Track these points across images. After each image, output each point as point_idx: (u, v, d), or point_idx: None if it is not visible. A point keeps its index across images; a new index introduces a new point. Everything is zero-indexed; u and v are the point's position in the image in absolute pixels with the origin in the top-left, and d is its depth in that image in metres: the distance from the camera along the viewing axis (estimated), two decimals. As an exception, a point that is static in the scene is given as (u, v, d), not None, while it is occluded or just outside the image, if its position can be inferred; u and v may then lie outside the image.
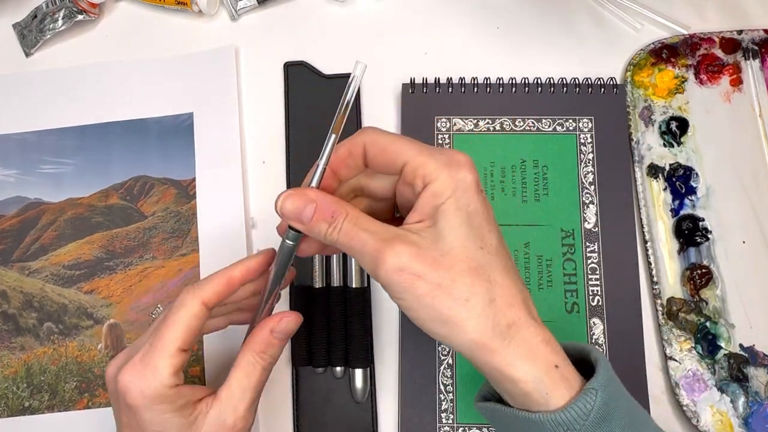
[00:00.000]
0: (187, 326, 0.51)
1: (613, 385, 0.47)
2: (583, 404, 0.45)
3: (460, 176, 0.48)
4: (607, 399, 0.45)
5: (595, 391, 0.45)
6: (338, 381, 0.68)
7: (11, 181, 0.75)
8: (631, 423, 0.46)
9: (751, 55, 0.75)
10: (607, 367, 0.47)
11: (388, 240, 0.47)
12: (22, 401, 0.69)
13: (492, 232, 0.48)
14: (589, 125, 0.73)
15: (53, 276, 0.72)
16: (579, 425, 0.45)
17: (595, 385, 0.46)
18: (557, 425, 0.45)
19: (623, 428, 0.46)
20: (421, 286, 0.46)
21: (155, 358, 0.50)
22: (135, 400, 0.50)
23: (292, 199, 0.50)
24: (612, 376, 0.47)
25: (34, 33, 0.78)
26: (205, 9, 0.77)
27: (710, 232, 0.71)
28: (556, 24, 0.79)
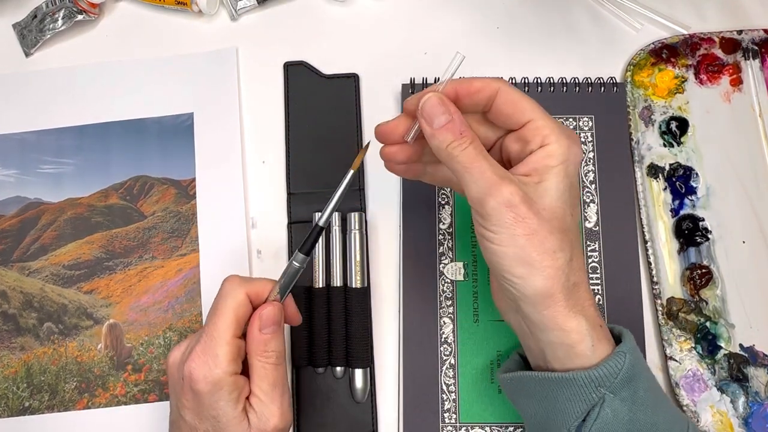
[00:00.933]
0: (236, 314, 0.55)
1: (637, 352, 0.52)
2: (615, 363, 0.50)
3: (575, 149, 0.52)
4: (634, 362, 0.50)
5: (624, 354, 0.50)
6: (338, 381, 0.68)
7: (11, 181, 0.75)
8: (652, 388, 0.52)
9: (751, 55, 0.75)
10: (631, 337, 0.53)
11: (504, 177, 0.50)
12: (22, 401, 0.69)
13: (576, 206, 0.53)
14: (590, 124, 0.73)
15: (53, 276, 0.72)
16: (609, 382, 0.50)
17: (624, 348, 0.51)
18: (589, 382, 0.50)
19: (646, 390, 0.51)
20: (521, 226, 0.49)
21: (214, 346, 0.54)
22: (199, 385, 0.53)
23: (435, 102, 0.52)
24: (636, 345, 0.52)
25: (34, 33, 0.78)
26: (205, 9, 0.77)
27: (710, 232, 0.71)
28: (556, 24, 0.79)
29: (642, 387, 0.51)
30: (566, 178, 0.52)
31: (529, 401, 0.54)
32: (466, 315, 0.69)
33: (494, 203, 0.49)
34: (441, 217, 0.71)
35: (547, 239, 0.50)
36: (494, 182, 0.50)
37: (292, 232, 0.72)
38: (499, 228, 0.50)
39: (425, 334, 0.69)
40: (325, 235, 0.70)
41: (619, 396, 0.50)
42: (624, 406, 0.50)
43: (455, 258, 0.70)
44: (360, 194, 0.73)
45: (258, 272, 0.72)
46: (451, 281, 0.70)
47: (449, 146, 0.51)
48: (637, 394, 0.50)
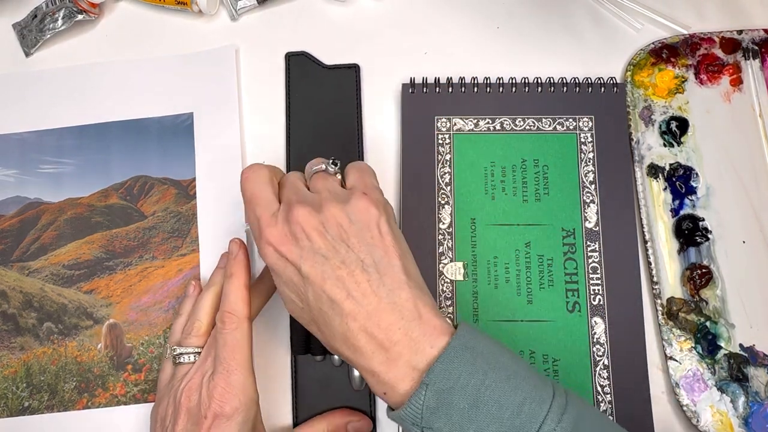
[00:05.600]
0: (249, 345, 0.59)
1: (453, 368, 0.50)
2: (416, 401, 0.49)
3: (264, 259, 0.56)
4: (439, 388, 0.49)
5: (425, 385, 0.49)
6: (337, 369, 0.68)
7: (11, 181, 0.75)
8: (477, 404, 0.49)
9: (751, 55, 0.75)
10: (454, 348, 0.50)
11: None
12: (22, 401, 0.69)
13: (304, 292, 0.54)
14: (590, 124, 0.73)
15: (53, 276, 0.72)
16: (419, 419, 0.49)
17: (427, 379, 0.49)
18: (404, 421, 0.50)
19: (462, 412, 0.49)
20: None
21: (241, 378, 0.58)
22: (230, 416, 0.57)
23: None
24: (456, 356, 0.50)
25: (34, 33, 0.78)
26: (205, 9, 0.77)
27: (710, 232, 0.71)
28: (556, 24, 0.79)
29: (457, 410, 0.49)
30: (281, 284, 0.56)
31: None
32: (466, 315, 0.69)
33: None
34: (441, 217, 0.71)
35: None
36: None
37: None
38: None
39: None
40: None
41: (434, 428, 0.49)
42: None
43: (455, 258, 0.70)
44: None
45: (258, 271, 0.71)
46: (450, 281, 0.70)
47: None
48: (452, 419, 0.49)
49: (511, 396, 0.49)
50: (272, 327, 0.70)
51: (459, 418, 0.49)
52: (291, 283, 0.54)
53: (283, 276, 0.54)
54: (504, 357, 0.52)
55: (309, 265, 0.53)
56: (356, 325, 0.52)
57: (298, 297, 0.54)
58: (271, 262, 0.55)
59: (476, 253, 0.70)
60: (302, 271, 0.53)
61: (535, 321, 0.68)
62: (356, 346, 0.52)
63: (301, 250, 0.54)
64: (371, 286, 0.52)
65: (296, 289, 0.54)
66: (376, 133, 0.75)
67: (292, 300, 0.55)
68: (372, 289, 0.52)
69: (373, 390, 0.53)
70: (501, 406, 0.49)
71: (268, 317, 0.70)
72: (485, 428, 0.49)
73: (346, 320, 0.52)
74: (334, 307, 0.52)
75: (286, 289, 0.55)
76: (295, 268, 0.54)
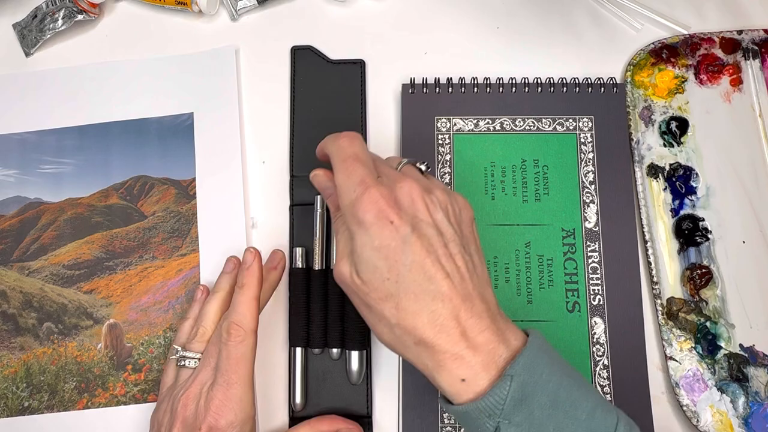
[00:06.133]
0: (253, 359, 0.60)
1: (536, 366, 0.50)
2: (500, 391, 0.49)
3: (360, 217, 0.53)
4: (524, 381, 0.49)
5: (510, 377, 0.49)
6: (335, 363, 0.69)
7: (11, 180, 0.75)
8: (556, 403, 0.50)
9: (751, 55, 0.76)
10: (533, 348, 0.51)
11: (343, 255, 0.56)
12: (22, 401, 0.69)
13: (399, 262, 0.52)
14: (589, 125, 0.73)
15: (53, 276, 0.72)
16: (499, 411, 0.49)
17: (512, 371, 0.49)
18: (479, 413, 0.50)
19: (543, 408, 0.49)
20: (353, 298, 0.56)
21: (239, 392, 0.58)
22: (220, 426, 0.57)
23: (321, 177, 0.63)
24: (537, 357, 0.51)
25: (34, 33, 0.78)
26: (205, 9, 0.77)
27: (710, 232, 0.71)
28: (556, 24, 0.79)
29: (538, 406, 0.49)
30: (370, 248, 0.53)
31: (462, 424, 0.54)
32: (466, 315, 0.69)
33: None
34: (441, 217, 0.71)
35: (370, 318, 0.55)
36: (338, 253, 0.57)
37: (294, 214, 0.72)
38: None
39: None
40: (326, 218, 0.70)
41: (513, 422, 0.49)
42: (518, 429, 0.49)
43: (455, 258, 0.70)
44: None
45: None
46: (451, 281, 0.70)
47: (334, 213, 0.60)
48: (533, 414, 0.49)
49: (584, 401, 0.50)
50: (271, 319, 0.70)
51: (540, 414, 0.49)
52: (385, 248, 0.52)
53: (377, 239, 0.52)
54: (570, 367, 0.53)
55: (417, 234, 0.52)
56: (449, 306, 0.51)
57: (387, 265, 0.52)
58: (370, 221, 0.52)
59: (476, 253, 0.70)
60: (408, 238, 0.51)
61: (535, 321, 0.68)
62: (443, 327, 0.51)
63: (411, 218, 0.52)
64: (468, 273, 0.53)
65: (390, 256, 0.52)
66: (376, 133, 0.75)
67: (376, 267, 0.52)
68: (469, 276, 0.53)
69: (442, 379, 0.51)
70: (576, 408, 0.50)
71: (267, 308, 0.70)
72: (564, 427, 0.49)
73: (439, 300, 0.51)
74: (431, 285, 0.51)
75: (374, 254, 0.52)
76: (397, 234, 0.52)
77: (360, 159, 0.55)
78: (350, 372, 0.67)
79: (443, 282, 0.51)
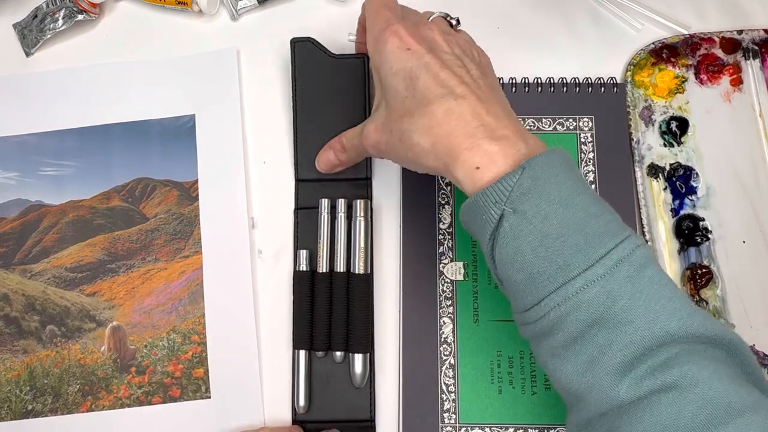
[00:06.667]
0: None
1: (553, 167, 0.50)
2: (509, 178, 0.49)
3: (380, 49, 0.57)
4: (536, 174, 0.49)
5: (522, 168, 0.49)
6: (338, 366, 0.69)
7: (12, 183, 0.75)
8: (567, 204, 0.49)
9: (752, 55, 0.76)
10: (554, 155, 0.51)
11: (362, 127, 0.62)
12: (25, 404, 0.69)
13: (416, 78, 0.55)
14: (590, 124, 0.73)
15: (55, 278, 0.72)
16: (504, 197, 0.49)
17: (526, 163, 0.50)
18: (486, 200, 0.50)
19: (551, 203, 0.49)
20: (384, 149, 0.60)
21: None
22: None
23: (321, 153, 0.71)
24: (556, 162, 0.51)
25: (35, 33, 0.78)
26: (206, 9, 0.77)
27: (710, 232, 0.71)
28: (556, 24, 0.79)
29: (546, 199, 0.49)
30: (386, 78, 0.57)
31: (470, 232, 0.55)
32: (466, 315, 0.69)
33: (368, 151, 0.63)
34: (441, 217, 0.71)
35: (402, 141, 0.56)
36: (358, 143, 0.64)
37: (299, 217, 0.72)
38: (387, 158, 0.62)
39: (425, 334, 0.69)
40: (331, 220, 0.70)
41: (518, 210, 0.49)
42: (522, 219, 0.49)
43: (455, 258, 0.70)
44: (367, 183, 0.73)
45: (259, 272, 0.72)
46: (450, 281, 0.70)
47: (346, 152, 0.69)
48: (539, 206, 0.49)
49: (601, 215, 0.50)
50: (275, 321, 0.71)
51: (546, 207, 0.49)
52: (402, 70, 0.55)
53: (396, 64, 0.56)
54: (593, 192, 0.52)
55: (433, 55, 0.55)
56: (465, 103, 0.53)
57: (405, 84, 0.55)
58: (390, 50, 0.56)
59: (476, 253, 0.70)
60: (424, 58, 0.55)
61: (536, 321, 0.68)
62: (460, 119, 0.52)
63: (429, 46, 0.56)
64: (488, 87, 0.55)
65: (407, 76, 0.55)
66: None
67: (396, 90, 0.56)
68: (484, 82, 0.56)
69: (458, 169, 0.52)
70: (587, 215, 0.49)
71: (271, 312, 0.71)
72: (569, 225, 0.49)
73: (453, 98, 0.53)
74: (445, 89, 0.54)
75: (393, 79, 0.56)
76: (413, 56, 0.55)
77: (388, 5, 0.60)
78: (354, 375, 0.68)
79: (458, 86, 0.54)
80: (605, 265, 0.48)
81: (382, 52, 0.57)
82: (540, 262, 0.49)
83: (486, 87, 0.55)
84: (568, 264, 0.48)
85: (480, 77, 0.56)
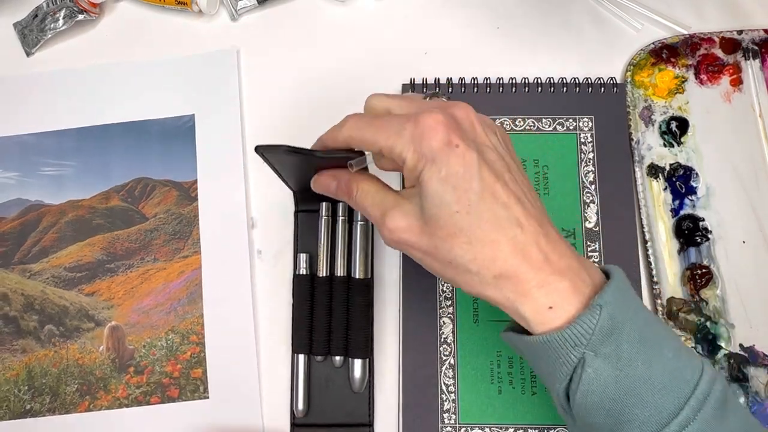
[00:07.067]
0: None
1: (622, 299, 0.48)
2: (589, 320, 0.46)
3: (425, 149, 0.49)
4: (614, 313, 0.47)
5: (599, 307, 0.47)
6: (337, 370, 0.68)
7: (12, 183, 0.75)
8: (642, 338, 0.48)
9: (751, 55, 0.76)
10: (619, 281, 0.49)
11: (386, 211, 0.52)
12: (24, 404, 0.69)
13: (469, 190, 0.48)
14: (590, 125, 0.73)
15: (54, 278, 0.72)
16: (585, 341, 0.47)
17: (601, 300, 0.47)
18: (563, 343, 0.47)
19: (632, 343, 0.47)
20: (414, 253, 0.52)
21: None
22: None
23: (324, 177, 0.59)
24: (623, 290, 0.49)
25: (35, 32, 0.78)
26: (205, 9, 0.77)
27: (710, 232, 0.71)
28: (556, 24, 0.79)
29: (627, 339, 0.47)
30: (431, 180, 0.49)
31: (528, 356, 0.52)
32: (466, 315, 0.69)
33: (386, 240, 0.53)
34: (441, 218, 0.71)
35: (437, 254, 0.50)
36: (379, 220, 0.53)
37: (299, 220, 0.72)
38: (406, 254, 0.54)
39: (425, 334, 0.69)
40: (331, 225, 0.70)
41: (600, 354, 0.47)
42: (607, 363, 0.47)
43: (456, 258, 0.70)
44: None
45: (259, 272, 0.72)
46: (451, 281, 0.70)
47: (348, 202, 0.57)
48: (621, 347, 0.47)
49: (669, 341, 0.49)
50: (274, 325, 0.71)
51: (628, 348, 0.47)
52: (454, 177, 0.48)
53: (443, 168, 0.48)
54: (648, 309, 0.51)
55: (483, 159, 0.49)
56: (528, 231, 0.48)
57: (456, 196, 0.48)
58: (436, 149, 0.48)
59: (477, 253, 0.70)
60: (476, 163, 0.48)
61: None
62: (526, 254, 0.48)
63: (474, 141, 0.50)
64: (534, 198, 0.51)
65: (459, 185, 0.48)
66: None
67: (446, 203, 0.48)
68: (536, 202, 0.51)
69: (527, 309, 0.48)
70: (662, 347, 0.48)
71: (270, 311, 0.70)
72: (652, 364, 0.47)
73: (517, 225, 0.48)
74: (506, 211, 0.48)
75: (440, 186, 0.48)
76: (464, 159, 0.48)
77: (383, 110, 0.54)
78: (353, 380, 0.68)
79: (516, 207, 0.49)
80: (693, 406, 0.47)
81: (424, 155, 0.49)
82: (630, 409, 0.47)
83: (532, 197, 0.51)
84: (660, 409, 0.47)
85: (523, 181, 0.51)
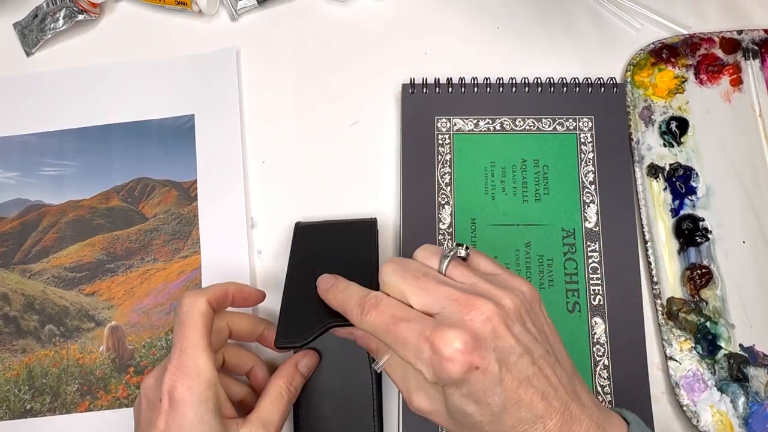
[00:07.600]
0: (204, 323, 0.56)
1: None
2: None
3: (443, 376, 0.47)
4: None
5: None
6: None
7: (12, 183, 0.75)
8: None
9: (751, 55, 0.75)
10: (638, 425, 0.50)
11: (411, 391, 0.51)
12: (24, 404, 0.69)
13: (491, 404, 0.47)
14: (589, 125, 0.73)
15: (54, 278, 0.72)
16: None
17: None
18: None
19: None
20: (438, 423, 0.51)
21: (193, 357, 0.54)
22: (183, 395, 0.53)
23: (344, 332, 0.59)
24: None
25: (35, 32, 0.78)
26: (205, 9, 0.77)
27: (710, 232, 0.71)
28: (556, 24, 0.79)
29: None
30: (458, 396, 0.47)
31: None
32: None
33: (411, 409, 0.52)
34: (441, 217, 0.71)
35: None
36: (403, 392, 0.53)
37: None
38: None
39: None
40: None
41: None
42: None
43: (456, 258, 0.70)
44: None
45: (259, 272, 0.72)
46: (451, 281, 0.70)
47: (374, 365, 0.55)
48: None
49: None
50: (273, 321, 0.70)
51: None
52: (475, 394, 0.47)
53: (464, 387, 0.47)
54: None
55: (506, 368, 0.47)
56: (550, 424, 0.47)
57: (479, 409, 0.47)
58: (456, 377, 0.46)
59: (477, 253, 0.70)
60: (497, 377, 0.46)
61: (535, 322, 0.68)
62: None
63: (495, 352, 0.47)
64: (556, 376, 0.48)
65: (480, 399, 0.47)
66: (376, 134, 0.75)
67: (465, 413, 0.48)
68: (558, 380, 0.48)
69: None
70: None
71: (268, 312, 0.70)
72: None
73: (540, 423, 0.46)
74: (528, 413, 0.47)
75: (462, 401, 0.47)
76: (485, 377, 0.46)
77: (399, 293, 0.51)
78: None
79: (539, 405, 0.47)
80: None
81: (447, 382, 0.47)
82: None
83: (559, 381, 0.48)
84: None
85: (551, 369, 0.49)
